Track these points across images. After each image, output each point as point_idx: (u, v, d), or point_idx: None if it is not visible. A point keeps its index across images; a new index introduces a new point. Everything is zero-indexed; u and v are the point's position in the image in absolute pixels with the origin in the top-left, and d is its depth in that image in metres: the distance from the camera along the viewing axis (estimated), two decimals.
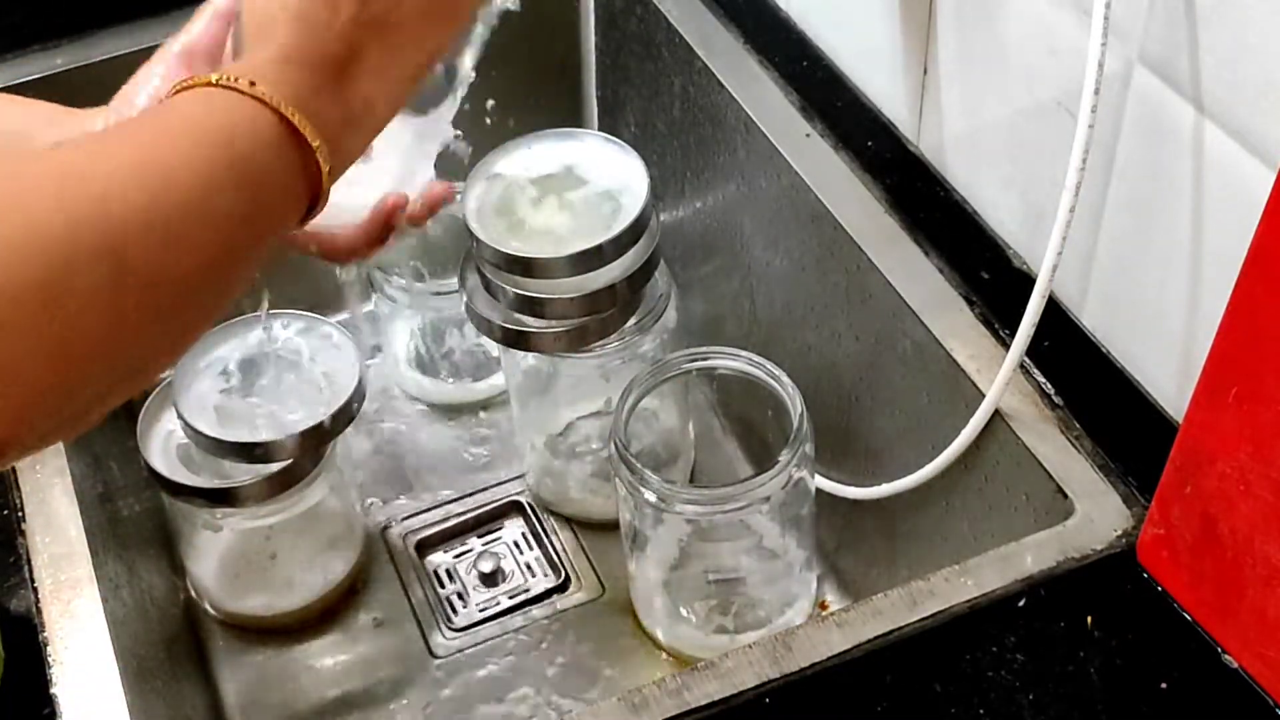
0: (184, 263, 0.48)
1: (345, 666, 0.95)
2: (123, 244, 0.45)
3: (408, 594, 0.99)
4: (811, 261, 0.90)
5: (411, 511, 1.04)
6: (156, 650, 0.86)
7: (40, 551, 0.73)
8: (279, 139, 0.52)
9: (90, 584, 0.72)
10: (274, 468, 0.88)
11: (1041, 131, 0.76)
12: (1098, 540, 0.68)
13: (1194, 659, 0.64)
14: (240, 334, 0.91)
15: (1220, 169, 0.64)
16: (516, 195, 0.85)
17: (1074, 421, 0.74)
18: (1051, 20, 0.72)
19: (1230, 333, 0.59)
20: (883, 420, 0.87)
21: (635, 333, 0.91)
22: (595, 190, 0.85)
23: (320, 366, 0.90)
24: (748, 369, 0.86)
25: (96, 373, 0.46)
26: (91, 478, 0.83)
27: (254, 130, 0.52)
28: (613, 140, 0.87)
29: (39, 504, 0.75)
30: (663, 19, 1.02)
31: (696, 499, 0.83)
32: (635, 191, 0.84)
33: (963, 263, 0.82)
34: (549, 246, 0.82)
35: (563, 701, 0.92)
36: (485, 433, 1.09)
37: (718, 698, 0.63)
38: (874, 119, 0.92)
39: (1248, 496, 0.59)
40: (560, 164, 0.86)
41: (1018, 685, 0.63)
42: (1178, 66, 0.65)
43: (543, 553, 1.00)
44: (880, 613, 0.66)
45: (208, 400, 0.88)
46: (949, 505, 0.80)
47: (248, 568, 0.95)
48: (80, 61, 0.99)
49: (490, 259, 0.83)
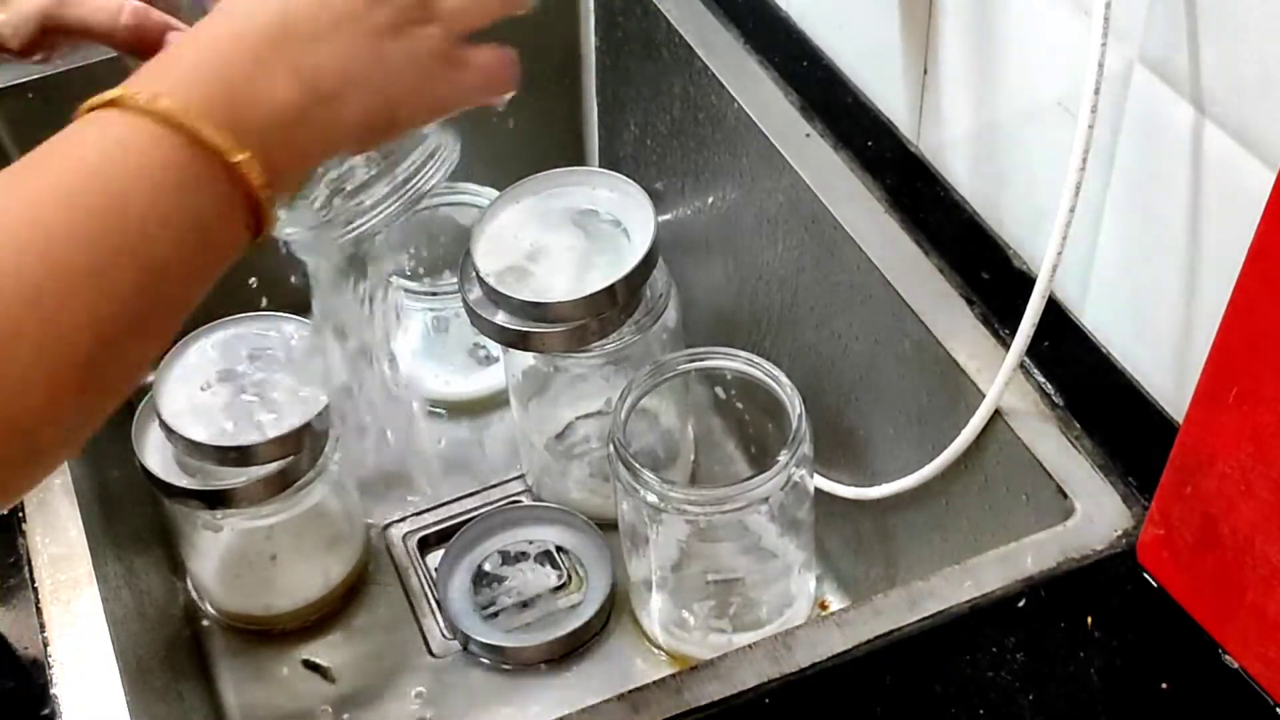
0: (90, 333, 0.44)
1: (345, 666, 0.95)
2: (17, 319, 0.42)
3: (408, 594, 0.99)
4: (811, 261, 0.90)
5: (411, 511, 1.04)
6: (156, 650, 0.86)
7: (40, 551, 0.73)
8: (191, 162, 0.46)
9: (90, 584, 0.72)
10: (266, 469, 0.88)
11: (1041, 131, 0.76)
12: (1098, 540, 0.68)
13: (1194, 659, 0.63)
14: (222, 336, 0.91)
15: (1220, 169, 0.64)
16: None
17: (1074, 421, 0.73)
18: (1051, 20, 0.72)
19: (1230, 333, 0.59)
20: (883, 420, 0.87)
21: (635, 333, 0.91)
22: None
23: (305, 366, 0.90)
24: (747, 369, 0.86)
25: (42, 436, 0.45)
26: (91, 478, 0.83)
27: (160, 159, 0.46)
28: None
29: (39, 504, 0.75)
30: (663, 19, 1.02)
31: (696, 499, 0.83)
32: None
33: (963, 263, 0.82)
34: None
35: (563, 702, 0.92)
36: (485, 433, 1.09)
37: (718, 698, 0.63)
38: (874, 119, 0.92)
39: (1248, 496, 0.59)
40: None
41: (1018, 685, 0.63)
42: (1178, 66, 0.65)
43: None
44: (880, 613, 0.66)
45: (191, 403, 0.88)
46: (949, 505, 0.80)
47: (248, 568, 0.95)
48: (80, 61, 0.99)
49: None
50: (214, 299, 0.90)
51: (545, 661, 0.94)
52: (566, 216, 0.91)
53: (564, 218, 0.91)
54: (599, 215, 0.91)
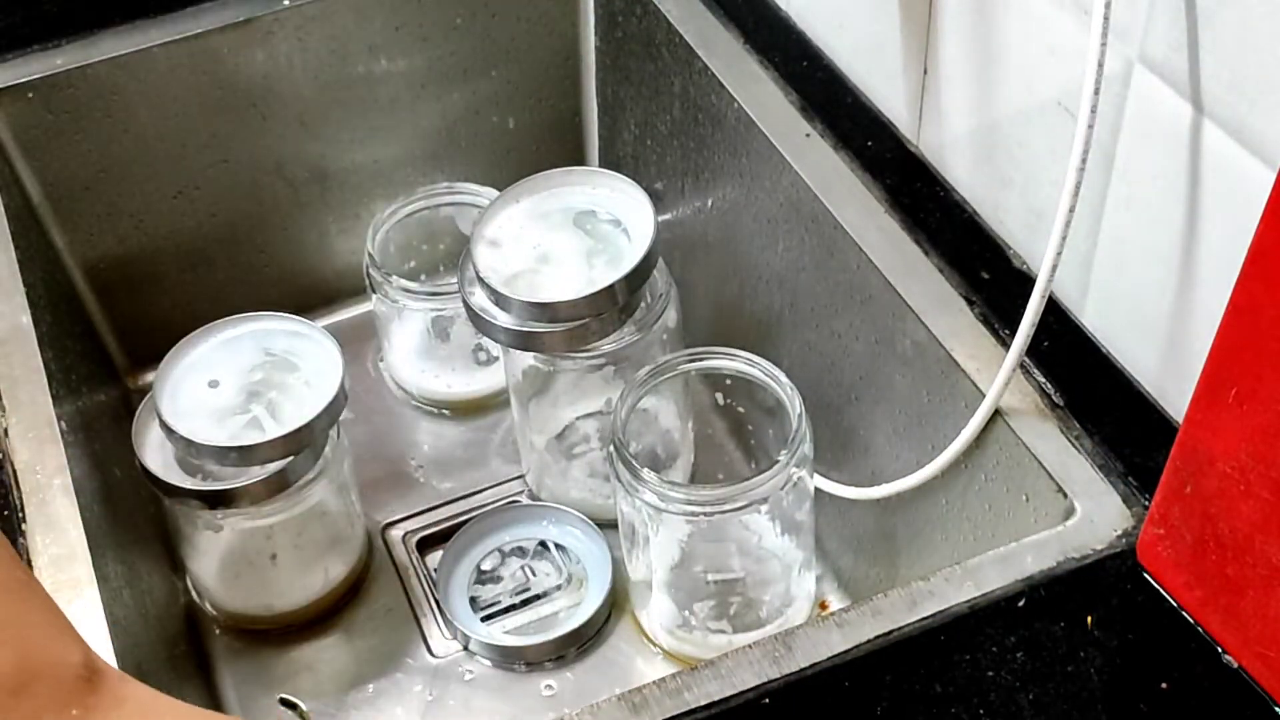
0: None
1: (345, 666, 0.95)
2: None
3: (408, 594, 0.99)
4: (811, 262, 0.90)
5: (411, 511, 1.04)
6: (156, 650, 0.86)
7: (40, 551, 0.73)
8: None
9: (90, 584, 0.72)
10: (267, 469, 0.88)
11: (1041, 131, 0.76)
12: (1098, 540, 0.68)
13: (1194, 659, 0.64)
14: (222, 336, 0.92)
15: (1220, 169, 0.64)
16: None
17: (1074, 421, 0.74)
18: (1051, 20, 0.72)
19: (1230, 333, 0.59)
20: (883, 420, 0.87)
21: (635, 333, 0.91)
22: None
23: (302, 367, 0.90)
24: (747, 369, 0.86)
25: None
26: (91, 478, 0.83)
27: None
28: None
29: (39, 504, 0.75)
30: (663, 19, 1.02)
31: (696, 499, 0.83)
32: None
33: (963, 263, 0.82)
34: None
35: (563, 701, 0.92)
36: (485, 433, 1.09)
37: (718, 698, 0.63)
38: (874, 119, 0.92)
39: (1248, 496, 0.59)
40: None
41: (1018, 685, 0.63)
42: (1178, 66, 0.65)
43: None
44: (880, 613, 0.66)
45: (191, 403, 0.88)
46: (949, 505, 0.80)
47: (248, 568, 0.95)
48: (80, 61, 0.99)
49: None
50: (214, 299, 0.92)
51: (545, 661, 0.94)
52: (566, 216, 0.92)
53: (564, 218, 0.92)
54: (599, 215, 0.91)
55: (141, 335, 1.10)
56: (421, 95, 1.11)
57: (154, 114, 1.03)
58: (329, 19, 1.04)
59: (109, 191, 1.05)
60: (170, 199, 1.07)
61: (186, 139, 1.05)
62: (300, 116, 1.08)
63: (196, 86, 1.03)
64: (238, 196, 1.09)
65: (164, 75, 1.02)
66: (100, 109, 1.01)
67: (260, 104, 1.06)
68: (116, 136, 1.02)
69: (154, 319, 1.09)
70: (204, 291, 1.11)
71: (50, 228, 1.04)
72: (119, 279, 1.09)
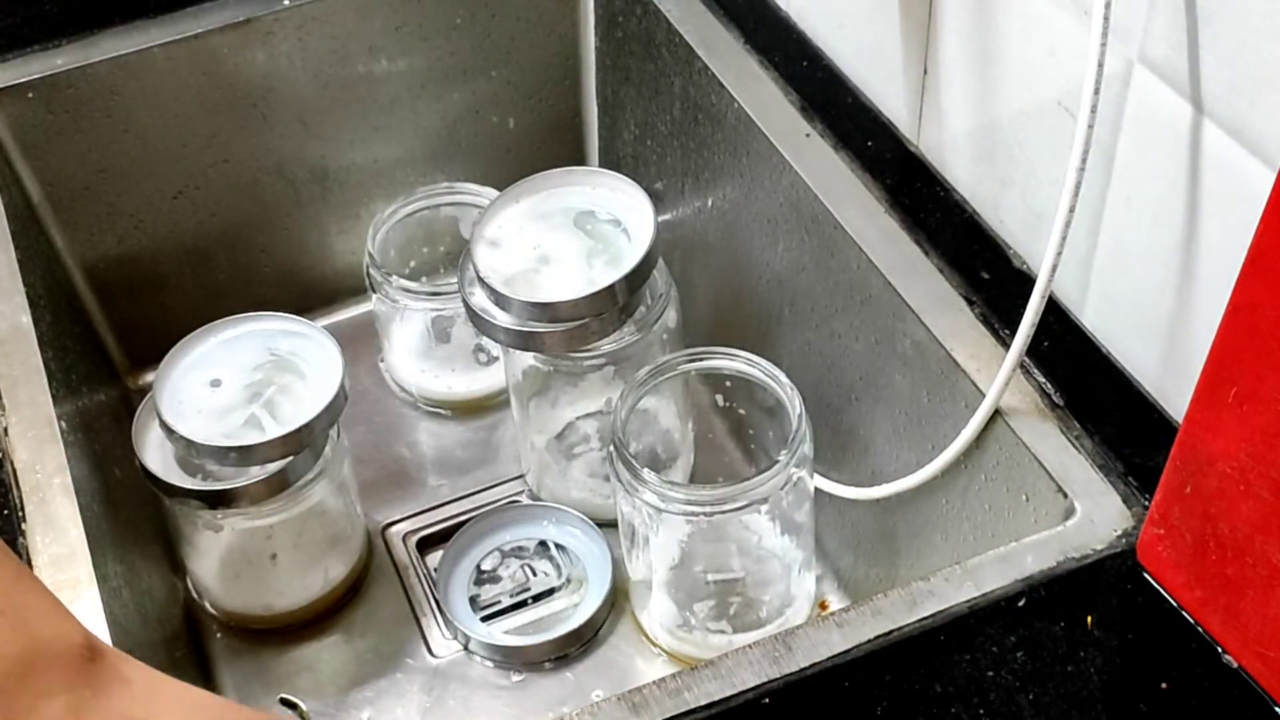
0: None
1: (345, 666, 0.95)
2: None
3: (408, 594, 0.99)
4: (811, 262, 0.90)
5: (411, 511, 1.04)
6: (156, 650, 0.86)
7: (40, 551, 0.73)
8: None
9: (90, 584, 0.72)
10: (267, 469, 0.88)
11: (1041, 131, 0.76)
12: (1098, 540, 0.68)
13: (1194, 659, 0.64)
14: (222, 336, 0.92)
15: (1220, 168, 0.64)
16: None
17: (1074, 421, 0.74)
18: (1051, 20, 0.72)
19: (1230, 333, 0.59)
20: (883, 420, 0.87)
21: (635, 333, 0.91)
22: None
23: (303, 367, 0.90)
24: (747, 369, 0.86)
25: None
26: (91, 478, 0.83)
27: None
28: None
29: (39, 504, 0.75)
30: (663, 19, 1.02)
31: (695, 499, 0.83)
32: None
33: (963, 263, 0.82)
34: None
35: (562, 701, 0.92)
36: (485, 433, 1.09)
37: (718, 698, 0.63)
38: (874, 119, 0.92)
39: (1248, 496, 0.59)
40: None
41: (1018, 685, 0.63)
42: (1178, 66, 0.65)
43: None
44: (880, 613, 0.66)
45: (191, 403, 0.88)
46: (949, 505, 0.80)
47: (248, 568, 0.95)
48: (80, 61, 0.99)
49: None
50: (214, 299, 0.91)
51: (545, 661, 0.94)
52: (566, 216, 0.92)
53: (564, 218, 0.92)
54: (599, 215, 0.91)
55: (141, 335, 1.10)
56: (421, 95, 1.11)
57: (154, 114, 1.03)
58: (329, 19, 1.05)
59: (109, 191, 1.05)
60: (170, 199, 1.07)
61: (186, 139, 1.05)
62: (300, 116, 1.08)
63: (197, 86, 1.03)
64: (238, 196, 1.09)
65: (164, 75, 1.02)
66: (100, 109, 1.01)
67: (260, 104, 1.06)
68: (116, 136, 1.02)
69: (154, 319, 1.09)
70: (204, 291, 1.11)
71: (50, 228, 1.04)
72: (119, 279, 1.09)
